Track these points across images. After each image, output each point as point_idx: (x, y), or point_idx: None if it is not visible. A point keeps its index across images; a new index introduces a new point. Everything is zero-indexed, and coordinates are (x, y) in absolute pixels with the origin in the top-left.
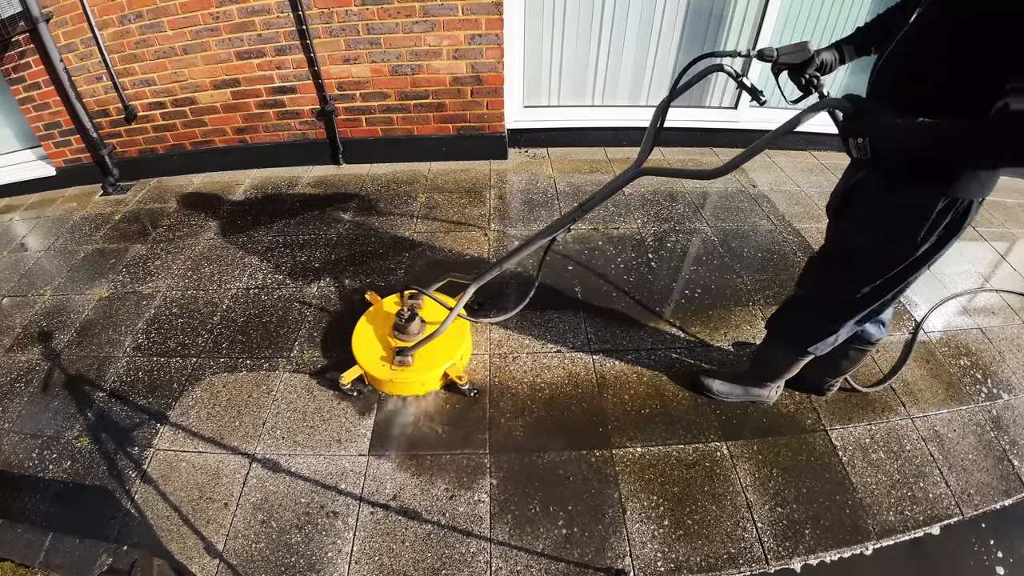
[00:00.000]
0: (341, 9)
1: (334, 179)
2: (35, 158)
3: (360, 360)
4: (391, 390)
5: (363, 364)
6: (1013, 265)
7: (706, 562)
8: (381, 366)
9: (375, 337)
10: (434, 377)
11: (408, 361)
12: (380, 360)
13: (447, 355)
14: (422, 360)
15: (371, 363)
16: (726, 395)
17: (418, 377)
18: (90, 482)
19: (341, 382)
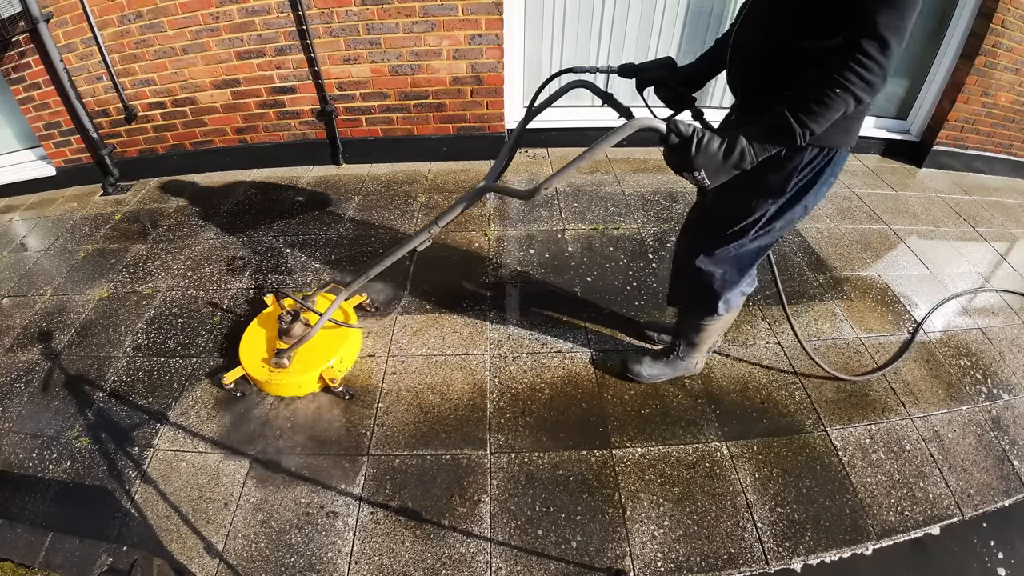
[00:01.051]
0: (341, 9)
1: (334, 179)
2: (35, 158)
3: (243, 361)
4: (270, 391)
5: (245, 365)
6: (1013, 265)
7: (706, 562)
8: (261, 367)
9: (263, 339)
10: (310, 379)
11: (284, 363)
12: (261, 362)
13: (323, 358)
14: (299, 362)
15: (252, 364)
16: (655, 376)
17: (293, 379)
18: (90, 482)
19: (224, 382)
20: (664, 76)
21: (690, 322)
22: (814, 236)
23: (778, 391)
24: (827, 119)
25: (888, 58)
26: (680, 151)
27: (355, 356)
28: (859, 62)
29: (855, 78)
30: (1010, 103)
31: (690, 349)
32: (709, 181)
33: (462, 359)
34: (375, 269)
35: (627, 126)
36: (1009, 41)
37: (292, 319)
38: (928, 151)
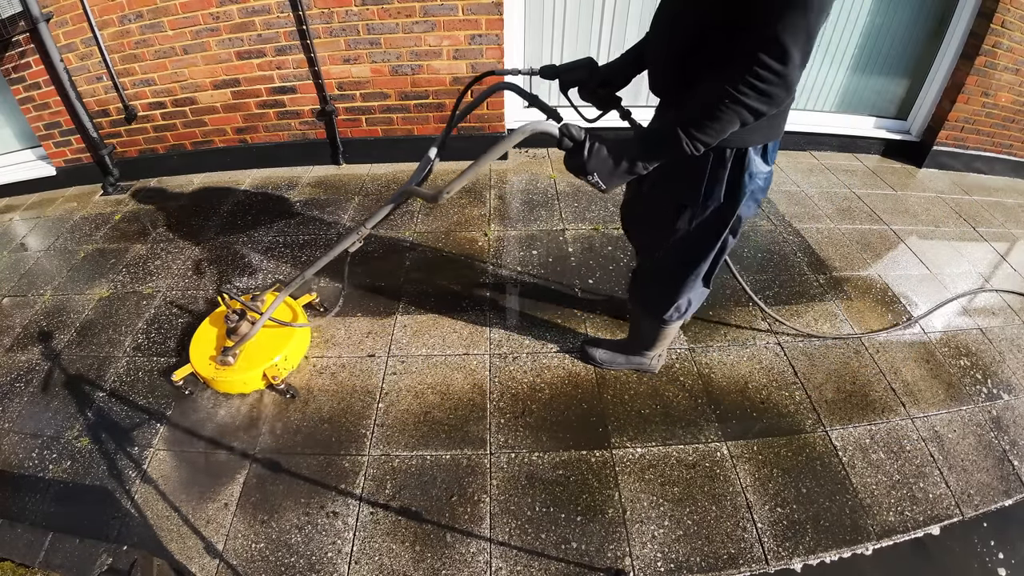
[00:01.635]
0: (341, 9)
1: (334, 179)
2: (35, 158)
3: (192, 358)
4: (217, 387)
5: (193, 362)
6: (1013, 265)
7: (706, 562)
8: (208, 365)
9: (213, 337)
10: (254, 377)
11: (229, 361)
12: (208, 359)
13: (268, 356)
14: (244, 360)
15: (200, 362)
16: (609, 363)
17: (238, 376)
18: (90, 482)
19: (173, 378)
20: (583, 78)
21: (644, 323)
22: (814, 236)
23: (778, 391)
24: (719, 132)
25: (789, 68)
26: (573, 156)
27: (301, 354)
28: (755, 73)
29: (749, 90)
30: (1010, 103)
31: (645, 347)
32: (604, 185)
33: (462, 359)
34: (312, 269)
35: (520, 131)
36: (1009, 41)
37: (239, 318)
38: (928, 151)
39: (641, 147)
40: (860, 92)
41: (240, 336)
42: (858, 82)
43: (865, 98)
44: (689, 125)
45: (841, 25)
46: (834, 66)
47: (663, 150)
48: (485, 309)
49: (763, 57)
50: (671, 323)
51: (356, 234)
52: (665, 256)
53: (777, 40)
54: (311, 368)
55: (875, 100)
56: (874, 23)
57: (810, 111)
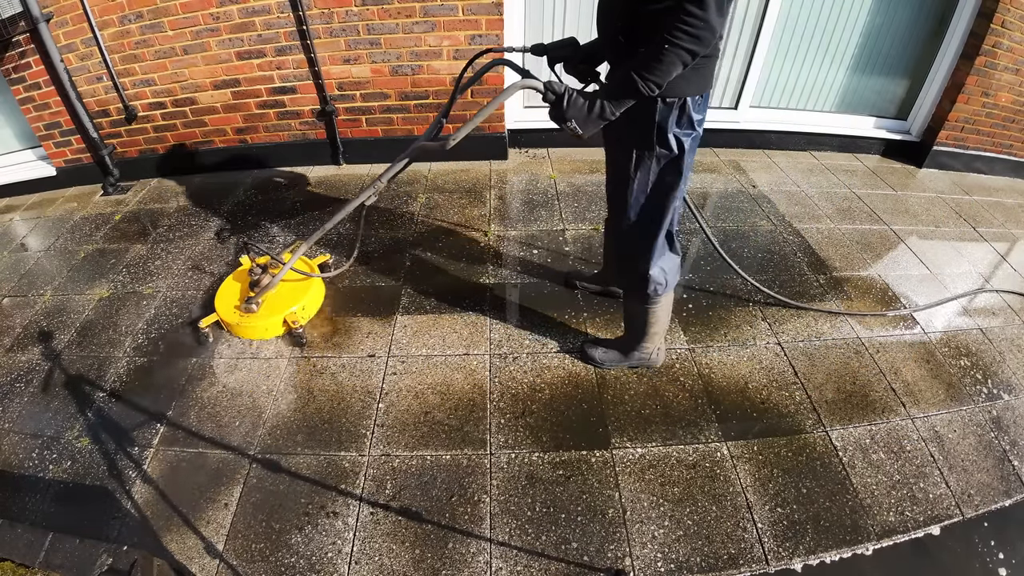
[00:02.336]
0: (341, 9)
1: (334, 179)
2: (35, 158)
3: (217, 307)
4: (240, 333)
5: (218, 310)
6: (1013, 265)
7: (706, 562)
8: (232, 312)
9: (236, 291)
10: (275, 323)
11: (253, 308)
12: (233, 308)
13: (287, 305)
14: (266, 308)
15: (224, 310)
16: (609, 362)
17: (261, 322)
18: (90, 482)
19: (200, 325)
20: (568, 55)
21: (633, 309)
22: (814, 236)
23: (778, 391)
24: (667, 72)
25: (707, 11)
26: (555, 106)
27: (317, 306)
28: (684, 20)
29: (682, 35)
30: (1010, 103)
31: (641, 338)
32: (581, 131)
33: (462, 359)
34: (329, 224)
35: (513, 85)
36: (1009, 41)
37: (261, 271)
38: (928, 151)
39: (606, 94)
40: (860, 92)
41: (263, 287)
42: (858, 82)
43: (865, 98)
44: (641, 69)
45: (841, 25)
46: (834, 66)
47: (624, 93)
48: (485, 309)
49: (687, 6)
50: (655, 301)
51: (372, 188)
52: (631, 218)
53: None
54: (311, 368)
55: (875, 100)
56: (874, 23)
57: (810, 111)
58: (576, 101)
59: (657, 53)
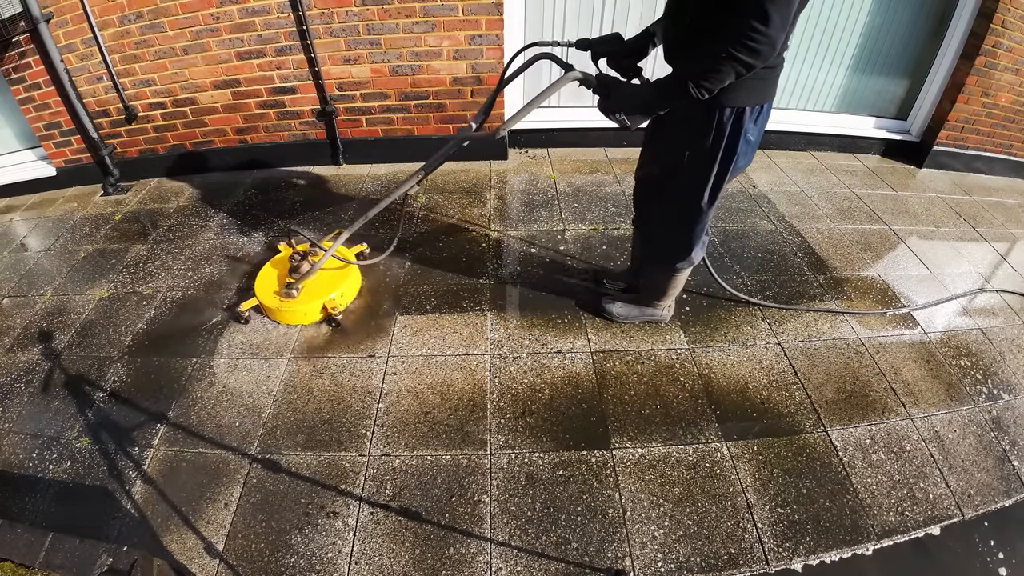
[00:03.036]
0: (341, 9)
1: (334, 179)
2: (35, 158)
3: (257, 292)
4: (279, 318)
5: (258, 295)
6: (1013, 265)
7: (707, 563)
8: (272, 297)
9: (275, 277)
10: (314, 308)
11: (293, 294)
12: (273, 293)
13: (327, 291)
14: (306, 294)
15: (265, 295)
16: (625, 316)
17: (301, 307)
18: (90, 482)
19: (239, 309)
20: (612, 50)
21: (656, 274)
22: (814, 236)
23: (778, 391)
24: (720, 80)
25: (771, 29)
26: (605, 98)
27: (354, 293)
28: (745, 34)
29: (740, 47)
30: (1010, 103)
31: (659, 297)
32: (629, 123)
33: (462, 359)
34: (373, 211)
35: (564, 77)
36: (1009, 41)
37: (301, 258)
38: (928, 151)
39: (657, 92)
40: (860, 92)
41: (302, 274)
42: (858, 82)
43: (865, 98)
44: (697, 75)
45: (841, 25)
46: (834, 66)
47: (674, 93)
48: (485, 309)
49: (752, 22)
50: (682, 270)
51: (416, 177)
52: (675, 207)
53: (762, 9)
54: (311, 368)
55: (875, 100)
56: (874, 23)
57: (810, 111)
58: (626, 94)
59: (714, 61)
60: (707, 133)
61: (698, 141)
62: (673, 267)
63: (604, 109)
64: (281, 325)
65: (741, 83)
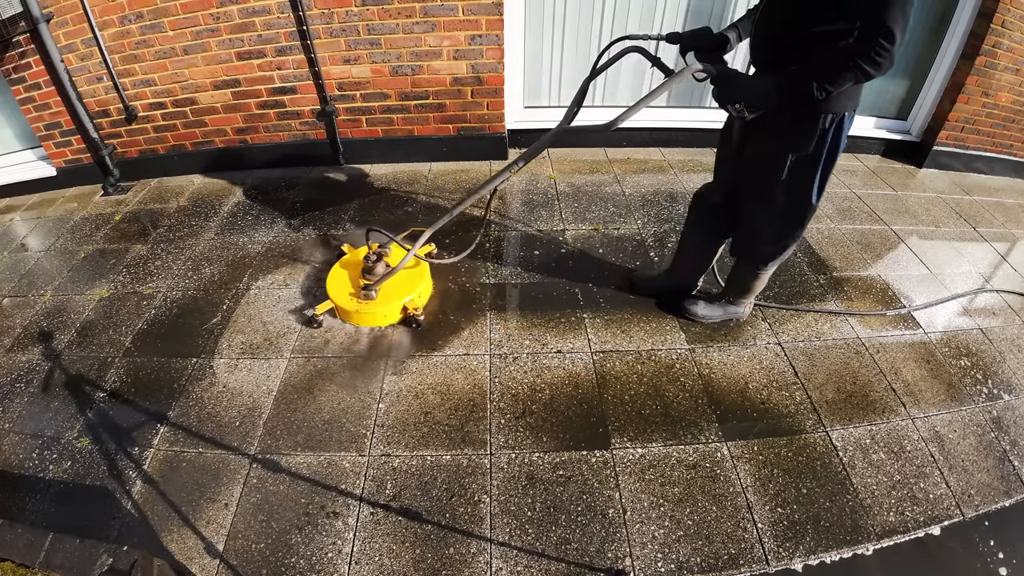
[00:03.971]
0: (341, 9)
1: (334, 180)
2: (36, 158)
3: (332, 295)
4: (357, 321)
5: (334, 298)
6: (1013, 265)
7: (707, 563)
8: (349, 300)
9: (347, 279)
10: (394, 309)
11: (372, 295)
12: (348, 295)
13: (406, 291)
14: (384, 295)
15: (341, 298)
16: (709, 317)
17: (380, 309)
18: (90, 482)
19: (314, 313)
20: (701, 44)
21: (745, 272)
22: (814, 236)
23: (778, 391)
24: (840, 85)
25: (895, 45)
26: (723, 88)
27: (428, 294)
28: (873, 49)
29: (866, 61)
30: (1010, 103)
31: (742, 296)
32: (747, 113)
33: (462, 359)
34: (457, 209)
35: (686, 68)
36: (1009, 41)
37: (376, 259)
38: (928, 151)
39: (780, 87)
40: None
41: (377, 276)
42: None
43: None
44: (822, 77)
45: None
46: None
47: (795, 90)
48: (485, 309)
49: (879, 39)
50: (769, 269)
51: (508, 172)
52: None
53: (886, 26)
54: (312, 368)
55: (875, 100)
56: None
57: None
58: (750, 87)
59: (839, 67)
60: (811, 138)
61: (802, 146)
62: (764, 266)
63: (722, 99)
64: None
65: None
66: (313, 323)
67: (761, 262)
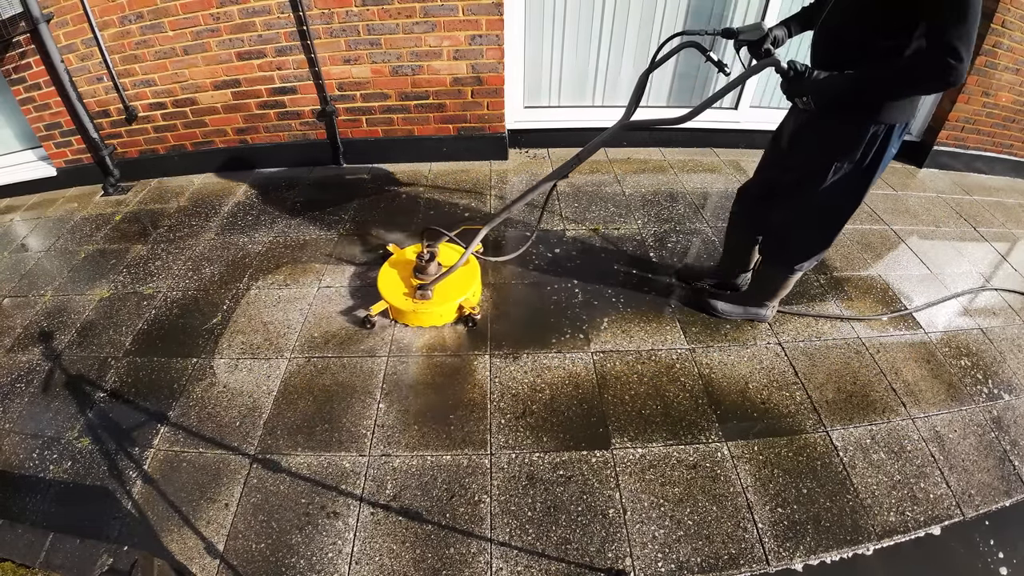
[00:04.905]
0: (341, 9)
1: (334, 180)
2: (36, 158)
3: (386, 296)
4: (413, 321)
5: (388, 299)
6: (1014, 265)
7: (707, 563)
8: (404, 300)
9: (398, 278)
10: (450, 309)
11: (428, 295)
12: (403, 295)
13: (461, 290)
14: (439, 295)
15: (396, 298)
16: (729, 314)
17: (436, 308)
18: (90, 482)
19: (369, 314)
20: (755, 39)
21: (774, 275)
22: None
23: (779, 391)
24: (903, 95)
25: (963, 65)
26: (793, 81)
27: (480, 293)
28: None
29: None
30: (1010, 103)
31: (767, 299)
32: (813, 104)
33: (462, 359)
34: (514, 206)
35: (764, 62)
36: (1009, 41)
37: (430, 258)
38: (929, 151)
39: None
40: None
41: (429, 276)
42: None
43: None
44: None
45: None
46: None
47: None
48: (485, 309)
49: (948, 59)
50: (797, 273)
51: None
52: (817, 212)
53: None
54: (312, 368)
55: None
56: None
57: None
58: (821, 83)
59: (908, 78)
60: (859, 146)
61: (850, 153)
62: (793, 268)
63: (789, 91)
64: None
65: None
66: (367, 324)
67: (791, 265)
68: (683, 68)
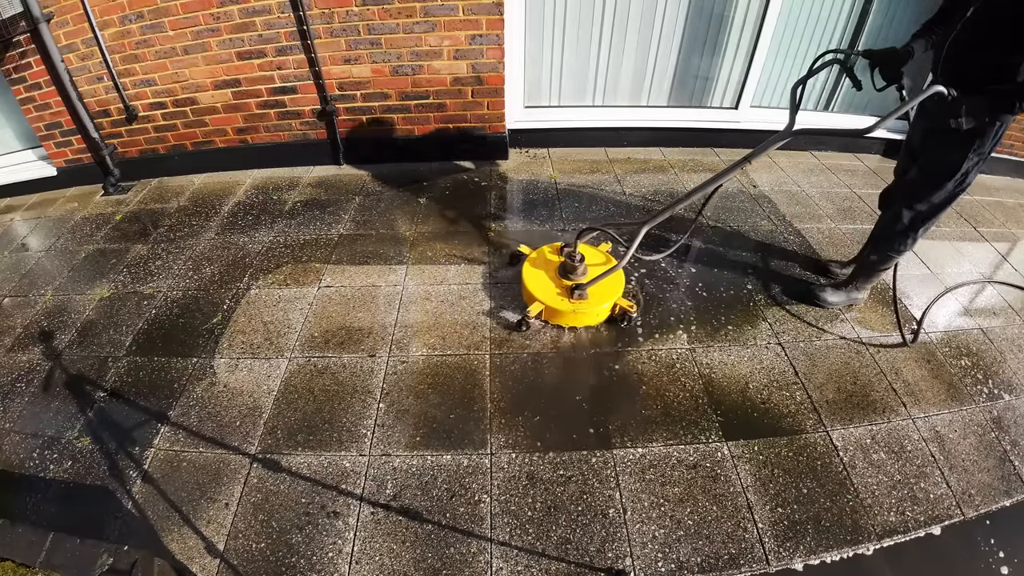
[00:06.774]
0: (342, 9)
1: (335, 179)
2: (36, 158)
3: (541, 297)
4: (570, 322)
5: (545, 300)
6: (1014, 265)
7: (707, 563)
8: (561, 301)
9: (546, 280)
10: (606, 309)
11: (585, 295)
12: (558, 296)
13: (615, 290)
14: (594, 295)
15: (552, 299)
16: (835, 303)
17: (593, 308)
18: (91, 482)
19: (528, 315)
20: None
21: (878, 258)
22: (815, 236)
23: (779, 391)
24: None
25: None
26: (954, 105)
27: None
28: None
29: None
30: None
31: (866, 282)
32: (965, 125)
33: (463, 359)
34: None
35: (929, 88)
36: None
37: (581, 259)
38: None
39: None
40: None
41: (579, 275)
42: None
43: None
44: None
45: (841, 25)
46: (835, 66)
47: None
48: (486, 309)
49: None
50: (900, 256)
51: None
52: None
53: None
54: (312, 368)
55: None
56: (874, 23)
57: (811, 111)
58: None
59: None
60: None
61: (980, 145)
62: (899, 251)
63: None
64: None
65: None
66: (523, 326)
67: (899, 246)
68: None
